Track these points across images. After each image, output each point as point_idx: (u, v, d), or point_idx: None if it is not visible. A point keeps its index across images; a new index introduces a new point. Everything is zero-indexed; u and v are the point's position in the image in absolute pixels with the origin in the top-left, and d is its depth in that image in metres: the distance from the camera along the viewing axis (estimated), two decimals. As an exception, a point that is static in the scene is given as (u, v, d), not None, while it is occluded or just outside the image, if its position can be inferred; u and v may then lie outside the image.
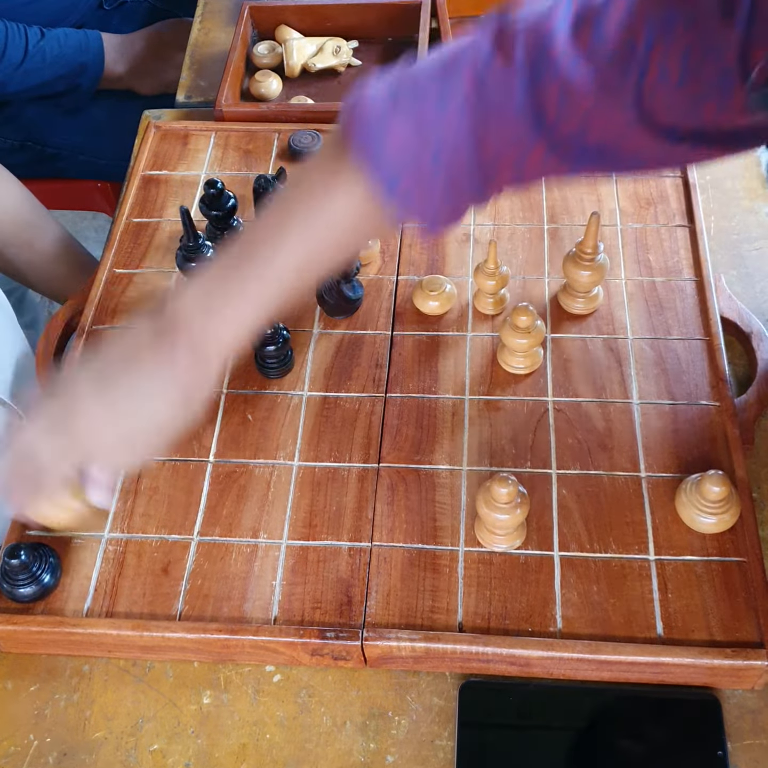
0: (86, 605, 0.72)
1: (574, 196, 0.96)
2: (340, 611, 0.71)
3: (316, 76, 1.17)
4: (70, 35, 1.38)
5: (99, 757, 0.68)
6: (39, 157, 1.49)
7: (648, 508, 0.74)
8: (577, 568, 0.72)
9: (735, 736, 0.66)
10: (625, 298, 0.88)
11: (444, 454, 0.78)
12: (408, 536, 0.74)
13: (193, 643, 0.70)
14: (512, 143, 0.59)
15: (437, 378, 0.83)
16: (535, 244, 0.93)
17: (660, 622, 0.69)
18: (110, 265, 0.94)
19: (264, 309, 0.63)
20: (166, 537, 0.75)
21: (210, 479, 0.78)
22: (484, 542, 0.73)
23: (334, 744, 0.68)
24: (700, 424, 0.79)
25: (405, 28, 1.17)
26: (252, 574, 0.73)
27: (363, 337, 0.87)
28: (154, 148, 1.05)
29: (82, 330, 0.89)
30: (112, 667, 0.72)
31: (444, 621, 0.70)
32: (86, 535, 0.76)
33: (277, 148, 1.04)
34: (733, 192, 0.99)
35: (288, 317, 0.88)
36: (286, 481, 0.78)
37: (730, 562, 0.71)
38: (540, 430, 0.79)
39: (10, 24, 1.32)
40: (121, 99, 1.47)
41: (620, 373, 0.83)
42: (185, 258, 0.86)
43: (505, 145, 0.59)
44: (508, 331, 0.80)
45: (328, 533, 0.75)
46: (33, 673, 0.72)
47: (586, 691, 0.69)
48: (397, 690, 0.70)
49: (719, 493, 0.70)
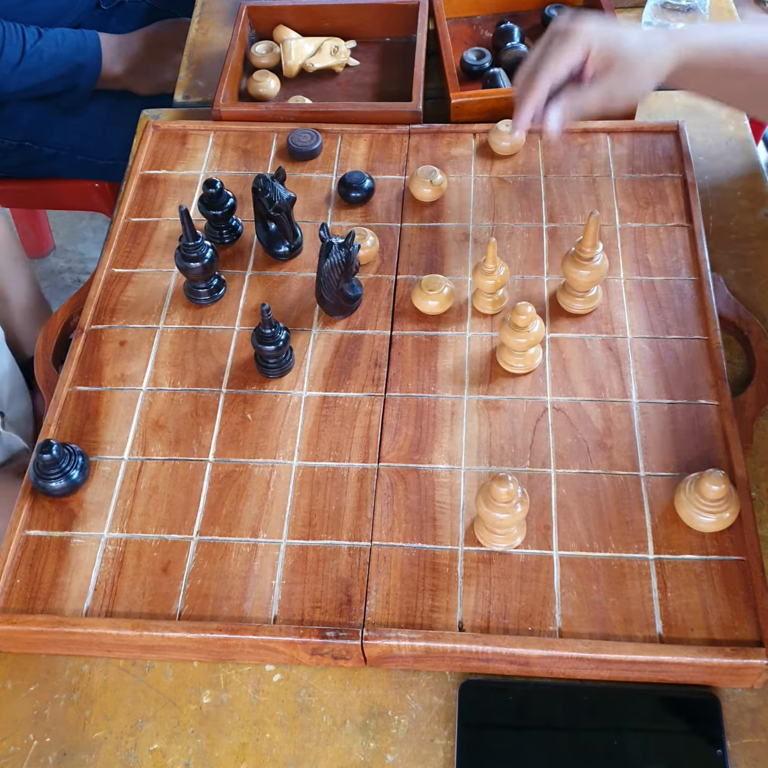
0: (86, 605, 0.72)
1: (573, 195, 0.96)
2: (339, 610, 0.71)
3: (314, 76, 1.17)
4: (67, 35, 1.38)
5: (99, 756, 0.68)
6: (37, 157, 1.49)
7: (647, 507, 0.74)
8: (577, 567, 0.72)
9: (734, 734, 0.67)
10: (624, 298, 0.88)
11: (443, 453, 0.78)
12: (407, 536, 0.74)
13: (192, 643, 0.70)
14: None
15: (436, 377, 0.83)
16: (534, 243, 0.93)
17: (659, 620, 0.69)
18: (109, 264, 0.94)
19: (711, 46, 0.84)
20: (166, 536, 0.75)
21: (209, 479, 0.78)
22: (484, 541, 0.73)
23: (334, 743, 0.68)
24: (699, 423, 0.79)
25: (403, 28, 1.17)
26: (252, 574, 0.73)
27: (362, 336, 0.87)
28: (152, 148, 1.05)
29: (81, 330, 0.89)
30: (112, 666, 0.72)
31: (444, 620, 0.70)
32: (86, 534, 0.76)
33: (276, 148, 1.04)
34: (731, 192, 0.99)
35: (287, 317, 0.89)
36: (286, 481, 0.78)
37: (730, 560, 0.71)
38: (539, 429, 0.79)
39: (7, 24, 1.32)
40: (119, 99, 1.47)
41: (619, 372, 0.83)
42: (184, 257, 0.86)
43: None
44: (507, 331, 0.81)
45: (328, 533, 0.75)
46: (33, 673, 0.72)
47: (585, 690, 0.69)
48: (397, 689, 0.70)
49: (718, 491, 0.70)
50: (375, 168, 1.00)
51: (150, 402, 0.83)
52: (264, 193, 0.88)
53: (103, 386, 0.85)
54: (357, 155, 1.02)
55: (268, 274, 0.93)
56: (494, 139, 0.99)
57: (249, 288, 0.92)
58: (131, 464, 0.80)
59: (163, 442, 0.81)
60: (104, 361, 0.87)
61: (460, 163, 1.00)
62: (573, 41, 0.82)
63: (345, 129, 1.04)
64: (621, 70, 0.83)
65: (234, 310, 0.90)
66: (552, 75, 0.83)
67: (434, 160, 1.00)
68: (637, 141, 1.00)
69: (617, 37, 0.84)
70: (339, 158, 1.02)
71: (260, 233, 0.93)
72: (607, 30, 0.84)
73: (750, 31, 0.86)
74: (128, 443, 0.81)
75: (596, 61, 0.83)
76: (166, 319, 0.89)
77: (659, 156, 0.99)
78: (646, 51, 0.84)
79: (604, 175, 0.98)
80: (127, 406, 0.83)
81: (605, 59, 0.83)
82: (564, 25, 0.84)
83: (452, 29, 1.16)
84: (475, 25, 1.20)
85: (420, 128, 1.03)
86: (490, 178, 0.99)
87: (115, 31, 1.46)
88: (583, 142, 1.01)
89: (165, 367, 0.86)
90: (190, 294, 0.90)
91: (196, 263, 0.87)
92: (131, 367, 0.86)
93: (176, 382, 0.85)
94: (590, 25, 0.83)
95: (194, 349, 0.87)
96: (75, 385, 0.85)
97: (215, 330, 0.88)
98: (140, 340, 0.88)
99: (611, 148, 1.00)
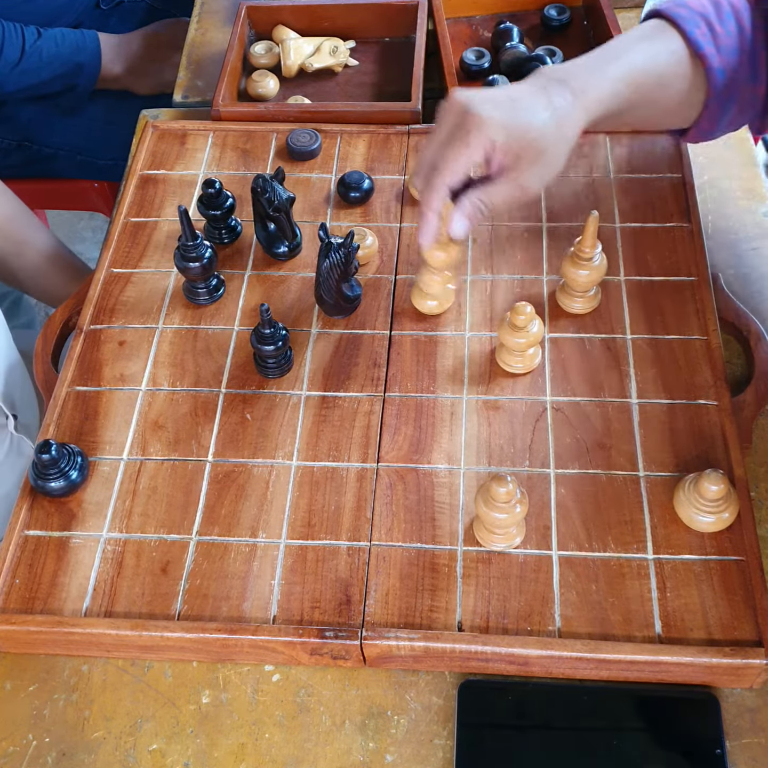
0: (85, 605, 0.72)
1: (572, 195, 0.96)
2: (339, 611, 0.71)
3: (313, 76, 1.17)
4: (67, 35, 1.38)
5: (98, 757, 0.68)
6: (36, 157, 1.49)
7: (646, 507, 0.74)
8: (576, 567, 0.72)
9: (733, 734, 0.67)
10: (624, 298, 0.88)
11: (442, 453, 0.78)
12: (407, 536, 0.74)
13: (192, 643, 0.70)
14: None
15: (435, 377, 0.83)
16: (533, 243, 0.93)
17: (659, 621, 0.69)
18: (108, 264, 0.94)
19: (615, 92, 0.77)
20: (165, 537, 0.75)
21: (209, 479, 0.78)
22: (483, 541, 0.73)
23: (333, 743, 0.68)
24: (698, 423, 0.79)
25: (402, 28, 1.17)
26: (251, 574, 0.73)
27: (361, 336, 0.87)
28: (151, 148, 1.05)
29: (80, 330, 0.89)
30: (111, 666, 0.72)
31: (443, 620, 0.70)
32: (85, 534, 0.76)
33: (275, 148, 1.04)
34: (730, 192, 0.99)
35: (286, 317, 0.89)
36: (285, 481, 0.78)
37: (729, 560, 0.71)
38: (538, 429, 0.79)
39: (6, 23, 1.32)
40: (119, 99, 1.47)
41: (618, 372, 0.83)
42: (183, 257, 0.86)
43: None
44: (506, 331, 0.81)
45: (327, 533, 0.75)
46: (32, 673, 0.72)
47: (584, 690, 0.69)
48: (396, 689, 0.70)
49: (717, 491, 0.70)
50: (374, 168, 1.00)
51: (149, 402, 0.83)
52: (263, 193, 0.88)
53: (102, 386, 0.85)
54: (356, 155, 1.02)
55: (267, 274, 0.93)
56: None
57: (248, 288, 0.92)
58: (130, 464, 0.80)
59: (163, 442, 0.81)
60: (103, 361, 0.87)
61: (459, 163, 1.00)
62: (473, 138, 0.72)
63: (344, 129, 1.04)
64: (532, 161, 0.74)
65: (233, 310, 0.90)
66: (449, 179, 0.74)
67: (433, 160, 1.00)
68: (636, 141, 1.00)
69: (523, 124, 0.73)
70: (338, 158, 1.02)
71: (259, 233, 0.93)
72: (511, 118, 0.73)
73: (643, 56, 0.78)
74: (127, 443, 0.81)
75: (502, 156, 0.74)
76: (165, 319, 0.89)
77: (658, 156, 0.99)
78: (555, 128, 0.75)
79: (603, 175, 0.98)
80: (126, 406, 0.83)
81: (513, 152, 0.74)
82: (463, 107, 0.73)
83: (451, 29, 1.16)
84: (475, 25, 1.20)
85: (419, 128, 1.03)
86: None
87: (114, 31, 1.46)
88: (582, 142, 1.01)
89: (164, 367, 0.86)
90: (189, 294, 0.90)
91: (195, 263, 0.87)
92: (130, 367, 0.86)
93: (175, 382, 0.85)
94: (492, 114, 0.73)
95: (193, 349, 0.87)
96: (74, 385, 0.85)
97: (214, 330, 0.88)
98: (139, 340, 0.88)
99: (610, 149, 1.00)
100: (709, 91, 0.80)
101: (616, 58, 0.78)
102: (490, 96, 0.75)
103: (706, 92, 0.80)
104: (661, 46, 0.78)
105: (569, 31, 1.17)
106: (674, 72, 0.79)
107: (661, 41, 0.78)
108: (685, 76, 0.79)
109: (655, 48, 0.79)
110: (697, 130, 0.83)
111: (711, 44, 0.78)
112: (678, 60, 0.78)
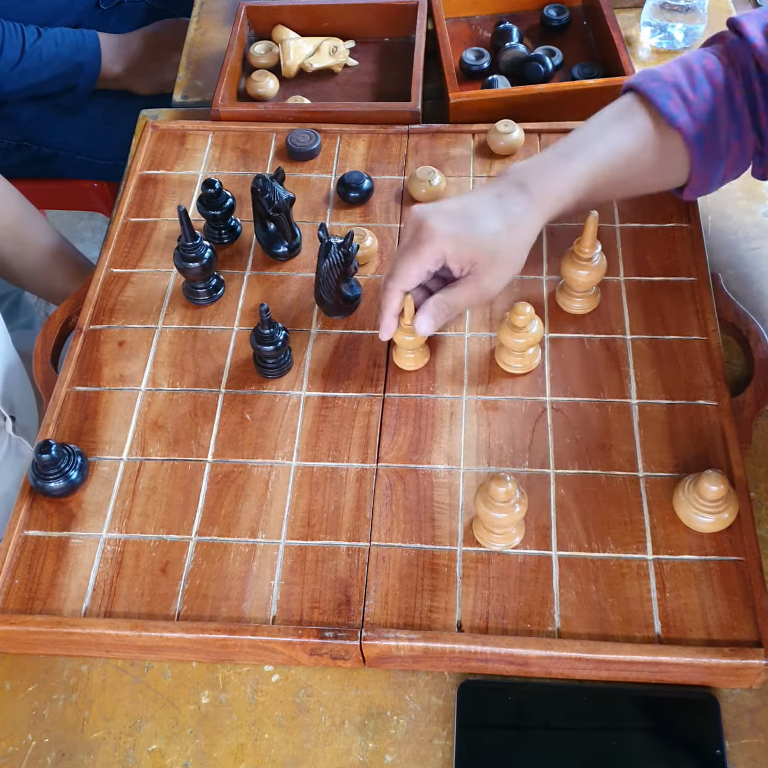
0: (84, 605, 0.72)
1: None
2: (338, 611, 0.71)
3: (312, 76, 1.17)
4: (66, 35, 1.38)
5: (97, 757, 0.68)
6: (36, 157, 1.49)
7: (646, 508, 0.74)
8: (576, 567, 0.72)
9: (733, 735, 0.67)
10: (623, 298, 0.88)
11: (442, 453, 0.78)
12: (406, 536, 0.74)
13: (191, 643, 0.70)
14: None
15: (435, 378, 0.83)
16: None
17: (658, 621, 0.69)
18: (107, 264, 0.94)
19: (575, 188, 0.80)
20: (165, 537, 0.75)
21: (208, 479, 0.78)
22: (483, 542, 0.73)
23: (333, 744, 0.68)
24: (697, 423, 0.79)
25: (401, 28, 1.17)
26: (250, 574, 0.73)
27: (361, 336, 0.87)
28: (151, 148, 1.05)
29: (80, 330, 0.89)
30: (111, 667, 0.72)
31: (442, 620, 0.70)
32: (84, 535, 0.76)
33: (275, 148, 1.04)
34: (730, 192, 0.99)
35: (286, 317, 0.89)
36: (285, 481, 0.78)
37: (728, 561, 0.71)
38: (538, 429, 0.79)
39: (6, 23, 1.32)
40: (118, 99, 1.47)
41: (618, 372, 0.83)
42: (183, 258, 0.86)
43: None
44: (505, 331, 0.81)
45: (327, 533, 0.75)
46: (31, 674, 0.72)
47: (584, 690, 0.69)
48: (395, 689, 0.70)
49: (717, 492, 0.70)
50: (374, 168, 1.00)
51: (149, 402, 0.83)
52: (263, 194, 0.88)
53: (101, 386, 0.85)
54: (356, 155, 1.02)
55: (267, 274, 0.93)
56: (493, 138, 0.99)
57: (248, 288, 0.92)
58: (130, 464, 0.80)
59: (162, 443, 0.81)
60: (103, 362, 0.87)
61: (458, 163, 1.00)
62: (425, 249, 0.77)
63: (344, 129, 1.04)
64: (486, 267, 0.78)
65: (233, 311, 0.90)
66: (402, 285, 0.78)
67: (433, 160, 1.00)
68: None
69: (474, 234, 0.77)
70: (338, 158, 1.02)
71: (259, 233, 0.93)
72: (462, 229, 0.77)
73: (610, 142, 0.80)
74: (127, 443, 0.81)
75: (455, 264, 0.78)
76: (164, 319, 0.89)
77: (658, 156, 0.99)
78: (507, 234, 0.78)
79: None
80: (125, 407, 0.83)
81: (466, 260, 0.78)
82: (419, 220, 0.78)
83: (451, 29, 1.16)
84: (474, 25, 1.20)
85: (419, 128, 1.03)
86: (488, 178, 0.99)
87: (114, 31, 1.46)
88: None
89: (164, 367, 0.86)
90: (188, 294, 0.90)
91: (194, 263, 0.87)
92: (130, 367, 0.86)
93: (175, 383, 0.85)
94: (444, 227, 0.77)
95: (193, 349, 0.87)
96: (74, 386, 0.85)
97: (214, 330, 0.88)
98: (139, 340, 0.88)
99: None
100: (691, 156, 0.81)
101: (582, 149, 0.80)
102: (445, 208, 0.79)
103: (689, 158, 0.81)
104: (629, 126, 0.81)
105: (569, 32, 1.17)
106: (643, 149, 0.80)
107: (630, 121, 0.81)
108: (655, 151, 0.81)
109: (624, 128, 0.81)
110: (690, 190, 0.85)
111: (685, 113, 0.79)
112: (647, 137, 0.80)
